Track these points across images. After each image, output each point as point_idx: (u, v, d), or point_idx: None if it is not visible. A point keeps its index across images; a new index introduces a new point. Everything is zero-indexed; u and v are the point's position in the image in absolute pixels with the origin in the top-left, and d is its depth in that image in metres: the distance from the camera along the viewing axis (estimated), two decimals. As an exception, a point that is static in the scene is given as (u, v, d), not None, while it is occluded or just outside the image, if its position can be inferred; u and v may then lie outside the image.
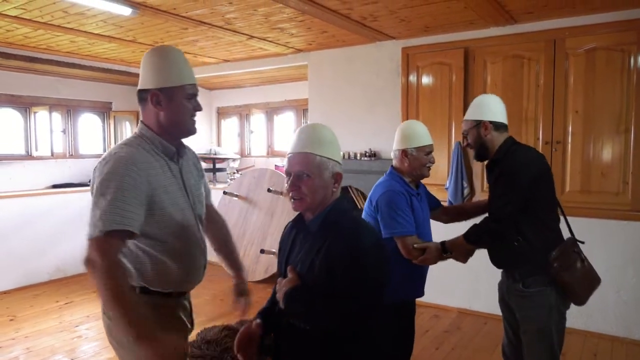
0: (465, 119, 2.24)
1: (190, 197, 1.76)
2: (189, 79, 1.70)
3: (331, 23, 3.94)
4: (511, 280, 2.14)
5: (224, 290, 5.03)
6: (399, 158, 2.30)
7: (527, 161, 2.05)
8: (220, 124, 6.97)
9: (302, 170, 1.47)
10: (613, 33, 3.61)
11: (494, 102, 2.21)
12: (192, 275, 1.76)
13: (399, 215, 2.14)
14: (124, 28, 4.22)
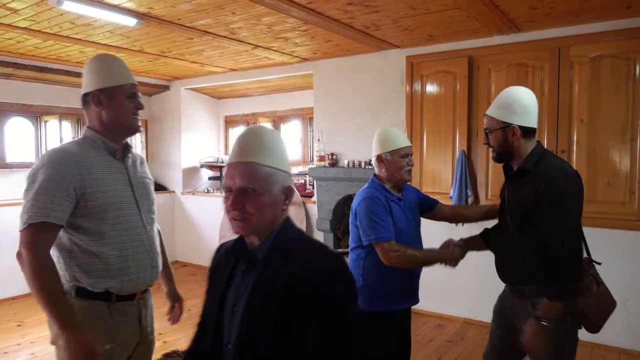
0: (490, 115, 1.94)
1: (136, 194, 1.81)
2: (127, 79, 1.79)
3: (334, 32, 3.97)
4: (517, 298, 1.97)
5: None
6: (377, 164, 2.31)
7: (572, 181, 1.81)
8: (228, 132, 7.02)
9: (247, 185, 1.18)
10: (618, 41, 3.58)
11: (528, 101, 1.90)
12: (133, 273, 1.75)
13: (375, 221, 2.13)
14: (130, 38, 4.29)
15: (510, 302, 2.02)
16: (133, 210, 1.79)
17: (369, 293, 2.20)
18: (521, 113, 1.88)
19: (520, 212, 1.88)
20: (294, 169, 6.07)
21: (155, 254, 1.87)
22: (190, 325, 4.90)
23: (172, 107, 6.58)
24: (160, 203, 6.40)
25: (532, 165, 1.86)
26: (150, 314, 1.93)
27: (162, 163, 6.75)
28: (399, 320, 2.30)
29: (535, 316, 1.79)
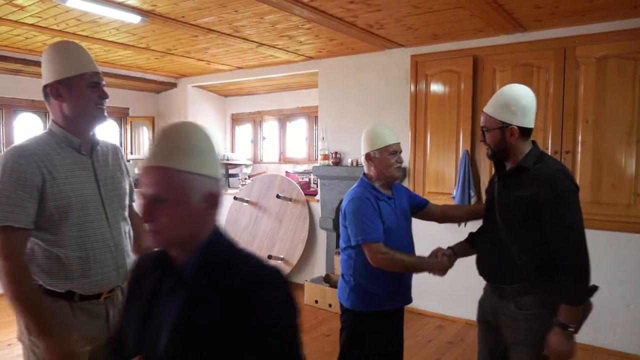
0: (489, 113, 1.90)
1: (102, 191, 1.75)
2: (88, 67, 1.71)
3: (338, 31, 3.96)
4: (497, 297, 1.94)
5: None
6: (366, 163, 2.28)
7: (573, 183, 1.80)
8: (235, 130, 7.05)
9: (158, 194, 1.02)
10: (625, 41, 3.53)
11: (527, 101, 1.86)
12: (95, 274, 1.70)
13: (363, 222, 2.11)
14: (136, 36, 4.32)
15: (490, 302, 2.00)
16: (97, 208, 1.72)
17: (361, 293, 2.20)
18: (520, 114, 1.85)
19: (515, 211, 1.85)
20: (300, 167, 6.08)
21: (123, 253, 1.81)
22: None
23: (179, 105, 6.62)
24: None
25: (531, 165, 1.85)
26: None
27: (169, 160, 6.78)
28: (391, 320, 2.29)
29: (559, 324, 1.74)
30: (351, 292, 2.22)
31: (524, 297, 1.85)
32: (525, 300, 1.84)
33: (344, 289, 2.27)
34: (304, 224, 5.11)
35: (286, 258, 5.16)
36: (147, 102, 6.75)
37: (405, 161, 4.56)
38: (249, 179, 6.11)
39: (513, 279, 1.87)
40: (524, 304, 1.85)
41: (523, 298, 1.85)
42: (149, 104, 6.76)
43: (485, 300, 2.07)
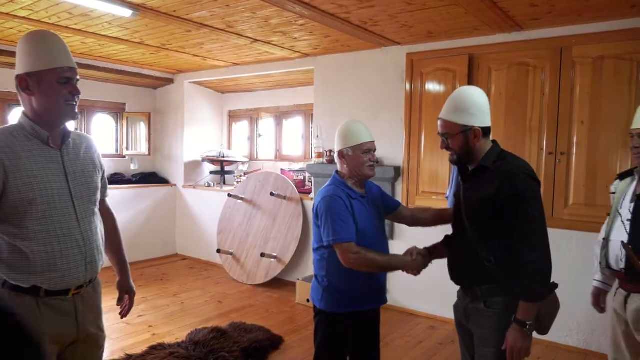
0: (449, 120, 1.88)
1: (71, 185, 1.71)
2: (61, 62, 1.66)
3: (332, 27, 3.92)
4: (470, 299, 1.93)
5: (226, 292, 5.04)
6: (339, 160, 2.23)
7: (534, 179, 1.80)
8: (231, 127, 7.01)
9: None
10: (622, 42, 3.47)
11: (482, 100, 1.88)
12: (62, 270, 1.66)
13: (335, 221, 2.06)
14: (129, 30, 4.29)
15: (463, 305, 1.98)
16: (65, 202, 1.69)
17: (334, 294, 2.15)
18: (480, 114, 1.86)
19: (480, 211, 1.84)
20: (295, 165, 6.05)
21: (92, 249, 1.77)
22: (182, 318, 4.94)
23: (175, 101, 6.59)
24: (162, 196, 6.51)
25: (491, 163, 1.85)
26: (95, 310, 1.85)
27: (165, 156, 6.77)
28: (366, 320, 2.24)
29: (516, 320, 1.75)
30: (324, 293, 2.18)
31: (493, 297, 1.85)
32: (494, 300, 1.84)
33: (317, 289, 2.23)
34: (297, 222, 5.08)
35: (279, 256, 5.12)
36: (144, 97, 6.72)
37: (399, 160, 4.53)
38: (244, 176, 6.08)
39: (483, 281, 1.86)
40: (492, 303, 1.85)
41: (492, 298, 1.85)
42: (145, 100, 6.74)
43: (458, 304, 2.05)
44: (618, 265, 2.23)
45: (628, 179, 2.36)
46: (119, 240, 2.10)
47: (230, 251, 5.56)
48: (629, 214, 2.22)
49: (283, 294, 5.01)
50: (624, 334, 2.29)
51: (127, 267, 2.12)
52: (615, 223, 2.29)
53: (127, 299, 2.10)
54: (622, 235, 2.21)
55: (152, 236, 6.41)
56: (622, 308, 2.26)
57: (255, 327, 3.87)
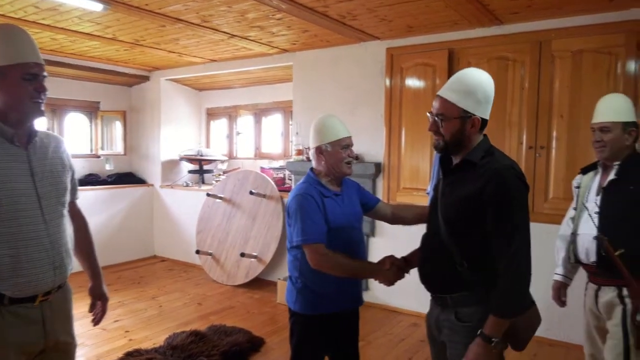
0: (449, 100, 1.64)
1: (38, 186, 1.64)
2: (26, 56, 1.59)
3: (310, 21, 3.84)
4: (440, 308, 1.74)
5: (205, 294, 4.93)
6: (315, 157, 2.13)
7: (523, 182, 1.62)
8: (210, 125, 6.88)
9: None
10: (600, 35, 3.48)
11: (491, 90, 1.67)
12: (28, 274, 1.58)
13: (305, 221, 1.98)
14: (101, 25, 4.14)
15: (434, 314, 1.78)
16: (31, 203, 1.61)
17: (309, 296, 2.07)
18: (484, 104, 1.64)
19: (458, 210, 1.64)
20: (275, 162, 5.96)
21: (60, 252, 1.69)
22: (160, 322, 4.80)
23: (152, 98, 6.43)
24: (138, 196, 6.35)
25: (478, 159, 1.64)
26: (65, 317, 1.77)
27: (141, 156, 6.61)
28: (342, 322, 2.16)
29: (482, 335, 1.55)
30: (298, 295, 2.10)
31: (464, 308, 1.65)
32: (466, 311, 1.65)
33: (291, 291, 2.15)
34: (277, 221, 4.99)
35: (259, 256, 5.03)
36: (119, 95, 6.54)
37: (380, 156, 4.48)
38: (223, 175, 5.96)
39: (454, 288, 1.67)
40: (464, 315, 1.65)
41: (463, 309, 1.65)
42: (120, 98, 6.56)
43: (430, 313, 1.85)
44: (588, 259, 2.22)
45: (591, 172, 2.38)
46: (91, 245, 2.01)
47: (209, 251, 5.44)
48: (595, 207, 2.23)
49: (264, 294, 4.92)
50: (597, 328, 2.29)
51: (99, 272, 2.03)
52: (582, 217, 2.29)
53: (99, 305, 2.01)
54: (590, 228, 2.21)
55: (129, 238, 6.25)
56: (593, 303, 2.26)
57: (235, 329, 3.77)
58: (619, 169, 2.19)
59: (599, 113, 2.30)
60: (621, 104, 2.27)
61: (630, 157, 2.21)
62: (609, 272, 2.12)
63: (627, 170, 2.18)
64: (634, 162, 2.20)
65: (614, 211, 2.16)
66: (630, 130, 2.21)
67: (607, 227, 2.15)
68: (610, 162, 2.24)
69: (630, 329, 2.08)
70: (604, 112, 2.27)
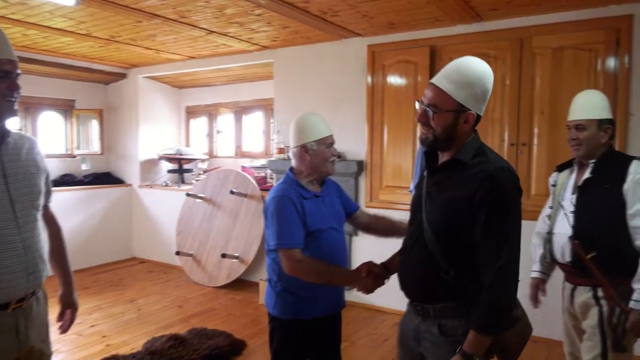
0: (445, 90, 1.48)
1: (10, 188, 1.57)
2: None
3: (290, 17, 3.77)
4: (421, 319, 1.58)
5: (186, 296, 4.83)
6: (299, 155, 2.05)
7: (518, 185, 1.50)
8: (189, 123, 6.76)
9: None
10: (580, 32, 3.49)
11: (489, 84, 1.51)
12: (1, 281, 1.52)
13: (281, 225, 1.91)
14: (74, 20, 4.01)
15: (413, 324, 1.62)
16: (3, 207, 1.54)
17: (288, 299, 2.00)
18: (482, 99, 1.50)
19: (444, 211, 1.51)
20: (257, 161, 5.87)
21: (34, 258, 1.63)
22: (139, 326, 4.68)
23: (129, 96, 6.28)
24: (116, 197, 6.20)
25: (469, 158, 1.51)
26: (40, 324, 1.70)
27: (119, 155, 6.45)
28: (324, 327, 2.09)
29: (462, 352, 1.43)
30: (277, 299, 2.03)
31: (448, 320, 1.52)
32: (450, 323, 1.52)
33: (270, 295, 2.08)
34: (259, 221, 4.91)
35: (241, 256, 4.95)
36: (95, 93, 6.38)
37: (362, 154, 4.44)
38: (203, 175, 5.86)
39: (438, 298, 1.53)
40: (448, 328, 1.52)
41: (448, 321, 1.52)
42: (97, 96, 6.39)
43: (407, 321, 1.69)
44: (564, 258, 2.20)
45: (567, 170, 2.34)
46: (64, 251, 1.94)
47: (190, 253, 5.34)
48: (571, 205, 2.19)
49: (246, 295, 4.84)
50: (575, 328, 2.28)
51: (71, 280, 1.96)
52: (557, 215, 2.26)
53: (68, 313, 1.94)
54: (565, 227, 2.18)
55: (107, 239, 6.10)
56: (569, 303, 2.25)
57: (216, 332, 3.69)
58: (594, 168, 2.16)
59: (574, 110, 2.26)
60: (597, 101, 2.23)
61: (606, 155, 2.18)
62: (584, 272, 2.10)
63: (603, 168, 2.15)
64: (609, 160, 2.17)
65: (589, 210, 2.13)
66: (605, 128, 2.18)
67: (582, 226, 2.13)
68: (586, 160, 2.20)
69: (607, 330, 2.06)
70: (579, 109, 2.24)
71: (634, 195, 2.03)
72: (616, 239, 2.07)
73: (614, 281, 2.05)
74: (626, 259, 2.04)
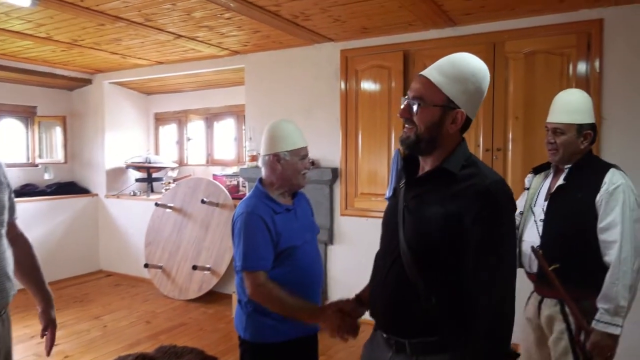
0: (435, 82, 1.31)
1: None
2: None
3: (261, 21, 3.66)
4: (393, 353, 1.36)
5: (155, 311, 4.63)
6: (270, 165, 1.93)
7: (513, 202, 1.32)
8: (158, 131, 6.55)
9: None
10: (552, 36, 3.49)
11: (486, 83, 1.34)
12: None
13: (247, 245, 1.79)
14: (32, 23, 3.80)
15: (383, 356, 1.39)
16: None
17: (261, 322, 1.86)
18: (474, 99, 1.32)
19: (427, 230, 1.30)
20: (229, 169, 5.72)
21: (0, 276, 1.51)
22: (104, 344, 4.44)
23: (95, 103, 6.05)
24: (81, 207, 5.94)
25: (458, 169, 1.32)
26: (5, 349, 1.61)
27: (84, 164, 6.20)
28: (299, 350, 1.95)
29: None
30: (248, 320, 1.89)
31: (427, 356, 1.30)
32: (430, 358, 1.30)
33: (240, 316, 1.94)
34: (231, 231, 4.76)
35: (213, 268, 4.79)
36: (58, 99, 6.11)
37: (336, 161, 4.35)
38: (173, 183, 5.67)
39: (416, 330, 1.31)
40: None
41: (427, 357, 1.30)
42: (60, 102, 6.13)
43: (374, 350, 1.45)
44: (531, 268, 2.09)
45: (543, 173, 2.23)
46: (38, 267, 1.84)
47: (159, 265, 5.14)
48: (542, 213, 2.07)
49: (218, 308, 4.68)
50: (537, 340, 2.15)
51: (49, 297, 1.86)
52: (528, 222, 2.14)
53: (50, 332, 1.84)
54: (534, 236, 2.07)
55: (72, 252, 5.83)
56: (535, 313, 2.13)
57: (186, 349, 3.52)
58: (568, 174, 2.05)
59: (553, 111, 2.12)
60: (579, 103, 2.08)
61: (582, 161, 2.05)
62: (551, 284, 1.98)
63: (578, 175, 2.03)
64: (585, 167, 2.04)
65: (558, 220, 2.02)
66: (585, 133, 2.04)
67: (550, 236, 2.02)
68: (562, 165, 2.09)
69: (576, 349, 1.95)
70: (559, 111, 2.10)
71: (606, 207, 1.91)
72: (584, 252, 1.96)
73: (580, 296, 1.94)
74: (594, 273, 1.93)
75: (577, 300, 1.93)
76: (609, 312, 1.86)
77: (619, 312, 1.86)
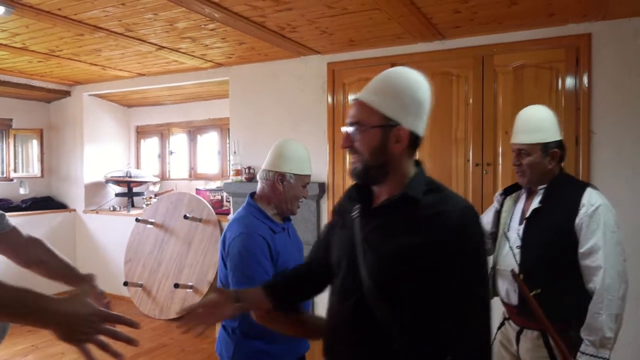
0: (366, 101, 1.25)
1: None
2: None
3: (246, 33, 3.58)
4: None
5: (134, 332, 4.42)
6: (272, 183, 1.84)
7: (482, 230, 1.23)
8: (140, 144, 6.39)
9: None
10: (541, 50, 3.46)
11: (425, 94, 1.25)
12: None
13: (252, 267, 1.69)
14: (7, 32, 3.66)
15: None
16: None
17: (250, 349, 1.76)
18: (414, 111, 1.22)
19: (394, 267, 1.19)
20: (212, 183, 5.58)
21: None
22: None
23: (73, 115, 5.88)
24: (58, 223, 5.73)
25: (420, 194, 1.21)
26: None
27: (62, 178, 6.00)
28: None
29: None
30: (237, 349, 1.77)
31: None
32: None
33: (226, 343, 1.82)
34: (214, 247, 4.62)
35: (196, 285, 4.62)
36: (35, 112, 5.93)
37: (323, 176, 4.25)
38: (155, 198, 5.50)
39: None
40: None
41: None
42: (37, 115, 5.94)
43: None
44: (510, 300, 1.96)
45: (514, 194, 2.12)
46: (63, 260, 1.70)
47: (139, 283, 4.96)
48: (517, 239, 1.95)
49: (201, 327, 4.51)
50: None
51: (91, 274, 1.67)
52: (503, 249, 2.02)
53: None
54: (511, 264, 1.94)
55: (47, 270, 5.60)
56: (511, 342, 2.01)
57: (167, 373, 3.36)
58: (543, 196, 1.93)
59: (516, 132, 2.02)
60: (541, 120, 1.97)
61: (556, 182, 1.95)
62: (531, 314, 1.84)
63: (553, 197, 1.92)
64: (560, 188, 1.93)
65: (536, 246, 1.90)
66: (552, 152, 1.94)
67: (530, 262, 1.90)
68: (535, 186, 1.99)
69: None
70: (521, 131, 2.00)
71: (587, 230, 1.81)
72: (566, 278, 1.85)
73: (564, 327, 1.82)
74: (579, 300, 1.81)
75: (562, 331, 1.80)
76: (595, 344, 1.75)
77: (605, 344, 1.74)
